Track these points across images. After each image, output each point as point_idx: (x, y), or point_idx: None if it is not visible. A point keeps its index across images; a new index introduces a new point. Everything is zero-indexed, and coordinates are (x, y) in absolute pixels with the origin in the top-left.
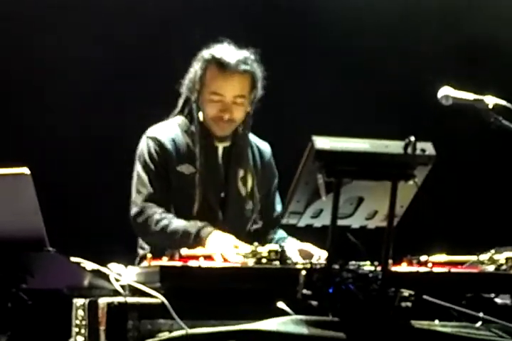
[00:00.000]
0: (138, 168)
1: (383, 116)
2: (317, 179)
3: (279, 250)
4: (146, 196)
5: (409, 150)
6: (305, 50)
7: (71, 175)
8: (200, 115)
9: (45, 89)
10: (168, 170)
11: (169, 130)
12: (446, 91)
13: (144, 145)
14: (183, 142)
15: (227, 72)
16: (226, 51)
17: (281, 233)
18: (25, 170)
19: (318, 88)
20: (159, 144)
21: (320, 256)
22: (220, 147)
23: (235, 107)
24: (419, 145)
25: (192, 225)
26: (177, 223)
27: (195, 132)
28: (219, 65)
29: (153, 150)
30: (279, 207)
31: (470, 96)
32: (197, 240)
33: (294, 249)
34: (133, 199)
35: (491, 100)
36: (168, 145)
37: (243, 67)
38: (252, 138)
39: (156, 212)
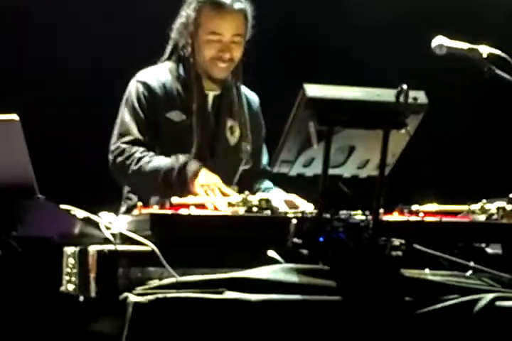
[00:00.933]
0: (124, 112)
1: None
2: (308, 127)
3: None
4: (132, 140)
5: (402, 98)
6: None
7: (60, 121)
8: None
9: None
10: (158, 116)
11: (160, 75)
12: (440, 41)
13: (133, 90)
14: (174, 88)
15: (224, 10)
16: None
17: (267, 183)
18: (15, 117)
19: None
20: (149, 89)
21: (305, 208)
22: (211, 95)
23: (233, 46)
24: (412, 93)
25: (175, 160)
26: (159, 159)
27: (191, 76)
28: (215, 5)
29: (142, 95)
30: (265, 159)
31: (464, 45)
32: (181, 175)
33: (280, 199)
34: (114, 142)
35: (485, 49)
36: (158, 90)
37: (239, 5)
38: (241, 87)
39: (138, 151)
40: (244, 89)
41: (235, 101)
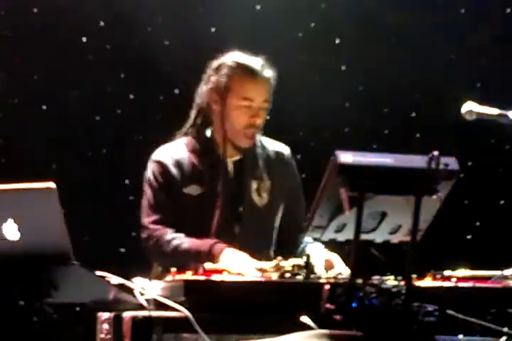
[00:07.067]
0: (147, 191)
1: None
2: (340, 193)
3: (304, 263)
4: (156, 220)
5: (433, 164)
6: None
7: (94, 189)
8: (208, 133)
9: None
10: (176, 192)
11: (174, 152)
12: (469, 107)
13: (150, 170)
14: (189, 163)
15: (255, 77)
16: (247, 57)
17: (307, 238)
18: (51, 185)
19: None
20: (164, 168)
21: (340, 271)
22: (230, 162)
23: (262, 113)
24: (443, 159)
25: (203, 243)
26: (188, 242)
27: (210, 145)
28: (247, 71)
29: (158, 174)
30: (303, 211)
31: (494, 111)
32: (209, 258)
33: (321, 258)
34: (142, 223)
35: None
36: (172, 168)
37: (268, 72)
38: (267, 141)
39: (166, 233)
40: (271, 143)
41: (258, 164)
